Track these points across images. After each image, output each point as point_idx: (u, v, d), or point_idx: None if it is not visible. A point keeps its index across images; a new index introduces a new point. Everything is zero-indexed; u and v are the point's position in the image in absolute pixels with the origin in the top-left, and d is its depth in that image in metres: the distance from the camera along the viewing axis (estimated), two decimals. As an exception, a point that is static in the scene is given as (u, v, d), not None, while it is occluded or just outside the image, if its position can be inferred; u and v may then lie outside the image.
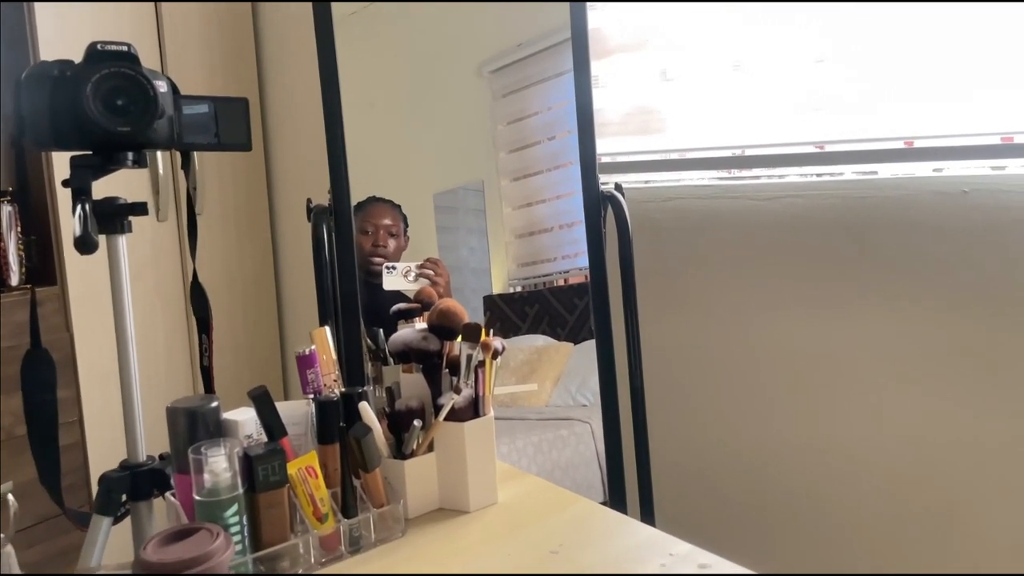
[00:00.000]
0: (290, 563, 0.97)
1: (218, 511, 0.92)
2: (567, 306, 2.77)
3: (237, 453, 0.95)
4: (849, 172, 1.79)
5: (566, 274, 2.84)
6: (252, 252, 2.67)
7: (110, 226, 1.16)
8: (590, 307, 2.68)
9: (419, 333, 1.18)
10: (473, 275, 2.87)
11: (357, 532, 1.03)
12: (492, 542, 1.03)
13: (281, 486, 0.98)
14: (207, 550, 0.84)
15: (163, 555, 0.83)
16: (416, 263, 2.21)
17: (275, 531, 0.97)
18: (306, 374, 1.10)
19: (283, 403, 1.05)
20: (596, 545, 1.00)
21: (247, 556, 0.94)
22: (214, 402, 1.01)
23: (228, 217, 2.59)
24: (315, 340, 1.13)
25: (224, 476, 0.93)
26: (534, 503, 1.14)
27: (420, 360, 1.17)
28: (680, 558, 0.95)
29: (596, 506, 1.12)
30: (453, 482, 1.12)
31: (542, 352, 2.73)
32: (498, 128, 2.13)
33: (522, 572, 0.94)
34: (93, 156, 1.11)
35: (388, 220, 2.29)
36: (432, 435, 1.13)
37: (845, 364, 1.81)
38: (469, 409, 1.14)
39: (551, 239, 2.87)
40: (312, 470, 1.00)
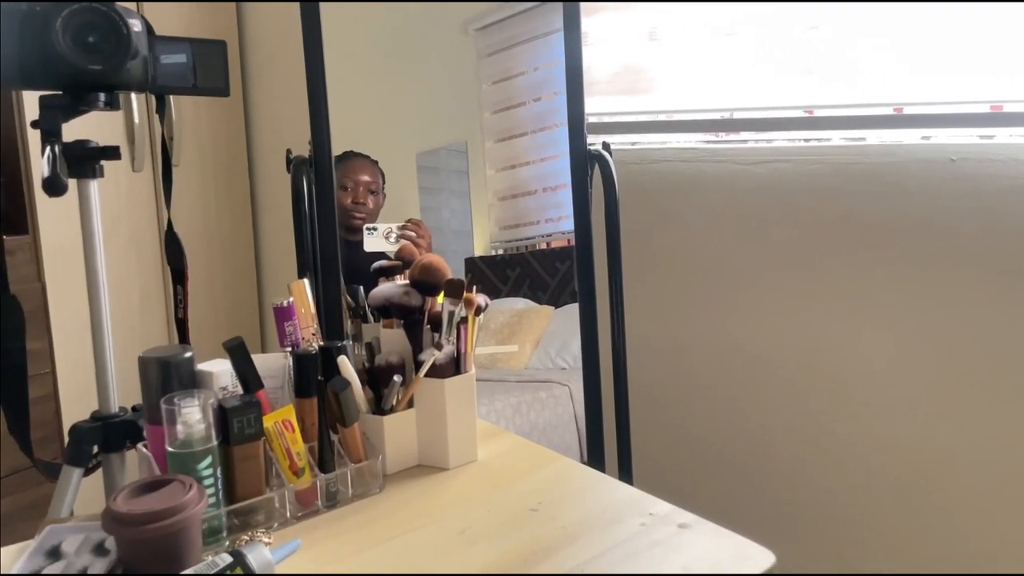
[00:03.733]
0: (265, 517, 0.96)
1: (191, 463, 0.90)
2: (549, 270, 2.75)
3: (211, 405, 0.93)
4: (837, 138, 1.78)
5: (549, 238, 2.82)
6: (230, 203, 2.62)
7: (81, 170, 1.12)
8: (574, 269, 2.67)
9: (401, 288, 1.15)
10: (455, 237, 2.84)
11: (334, 487, 1.01)
12: (471, 499, 1.02)
13: (257, 439, 0.96)
14: (179, 502, 0.82)
15: (133, 506, 0.81)
16: (397, 224, 2.18)
17: (250, 485, 0.96)
18: (284, 326, 1.08)
19: (260, 355, 1.03)
20: (576, 503, 0.99)
21: (221, 509, 0.92)
22: (188, 352, 0.98)
23: (206, 167, 2.54)
24: (293, 292, 1.11)
25: (198, 428, 0.90)
26: (514, 461, 1.13)
27: (401, 315, 1.15)
28: (660, 517, 0.94)
29: (576, 465, 1.11)
30: (433, 439, 1.11)
31: (523, 315, 2.72)
32: (483, 88, 2.09)
33: (502, 528, 0.93)
34: (63, 96, 1.07)
35: (367, 176, 2.25)
36: (412, 391, 1.11)
37: (827, 327, 1.81)
38: (450, 366, 1.12)
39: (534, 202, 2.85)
40: (289, 424, 0.98)
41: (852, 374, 1.79)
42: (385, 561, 0.88)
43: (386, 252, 1.93)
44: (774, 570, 0.83)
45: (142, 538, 0.80)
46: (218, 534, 0.92)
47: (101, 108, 1.11)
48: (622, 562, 0.85)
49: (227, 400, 0.95)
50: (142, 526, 0.79)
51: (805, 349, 1.85)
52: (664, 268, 2.02)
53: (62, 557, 0.83)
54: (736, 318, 1.93)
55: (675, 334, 2.03)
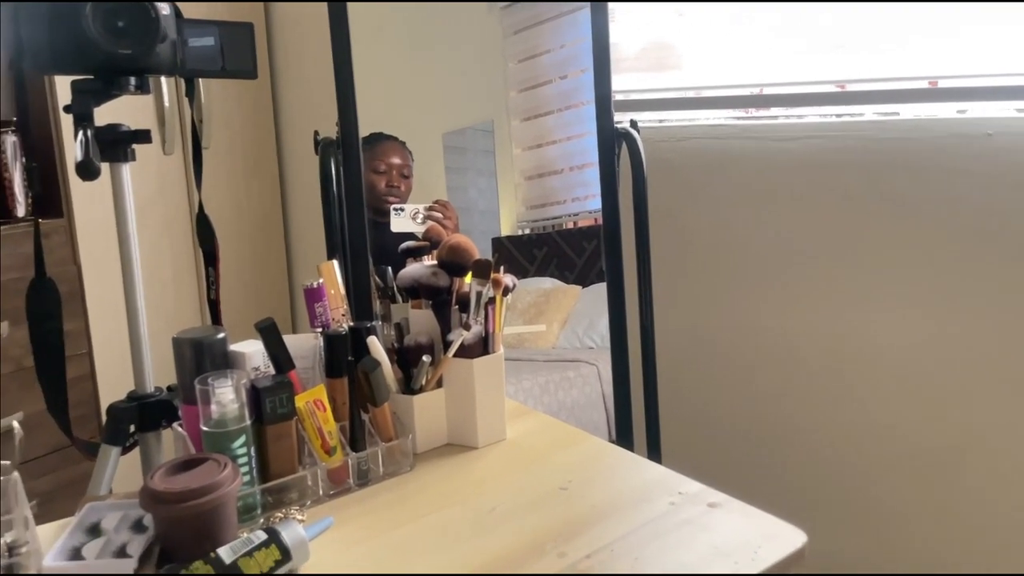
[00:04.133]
0: (298, 495, 0.97)
1: (225, 442, 0.91)
2: (576, 249, 2.74)
3: (244, 385, 0.94)
4: (870, 112, 1.75)
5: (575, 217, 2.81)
6: (259, 185, 2.64)
7: (113, 154, 1.14)
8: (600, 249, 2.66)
9: (429, 268, 1.16)
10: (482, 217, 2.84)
11: (365, 465, 1.03)
12: (501, 478, 1.02)
13: (289, 418, 0.97)
14: (214, 480, 0.83)
15: (170, 484, 0.83)
16: (424, 205, 2.18)
17: (283, 463, 0.97)
18: (314, 307, 1.09)
19: (291, 336, 1.04)
20: (605, 482, 1.00)
21: (255, 487, 0.94)
22: (221, 333, 0.99)
23: (235, 149, 2.56)
24: (323, 274, 1.12)
25: (231, 407, 0.92)
26: (543, 440, 1.13)
27: (429, 296, 1.15)
28: (689, 496, 0.94)
29: (605, 444, 1.11)
30: (462, 418, 1.12)
31: (550, 294, 2.72)
32: (509, 66, 2.07)
33: (532, 506, 0.94)
34: (94, 80, 1.08)
35: (399, 160, 2.25)
36: (441, 371, 1.12)
37: (859, 305, 1.79)
38: (479, 346, 1.12)
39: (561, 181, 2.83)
40: (320, 403, 1.00)
41: (884, 354, 1.77)
42: (417, 538, 0.89)
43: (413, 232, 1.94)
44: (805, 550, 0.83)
45: (179, 515, 0.81)
46: (253, 511, 0.93)
47: (132, 92, 1.13)
48: (651, 541, 0.85)
49: (259, 380, 0.97)
50: (179, 504, 0.81)
51: (836, 328, 1.82)
52: (693, 247, 2.00)
53: (102, 534, 0.85)
54: (766, 297, 1.91)
55: (704, 313, 2.02)
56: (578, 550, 0.84)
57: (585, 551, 0.84)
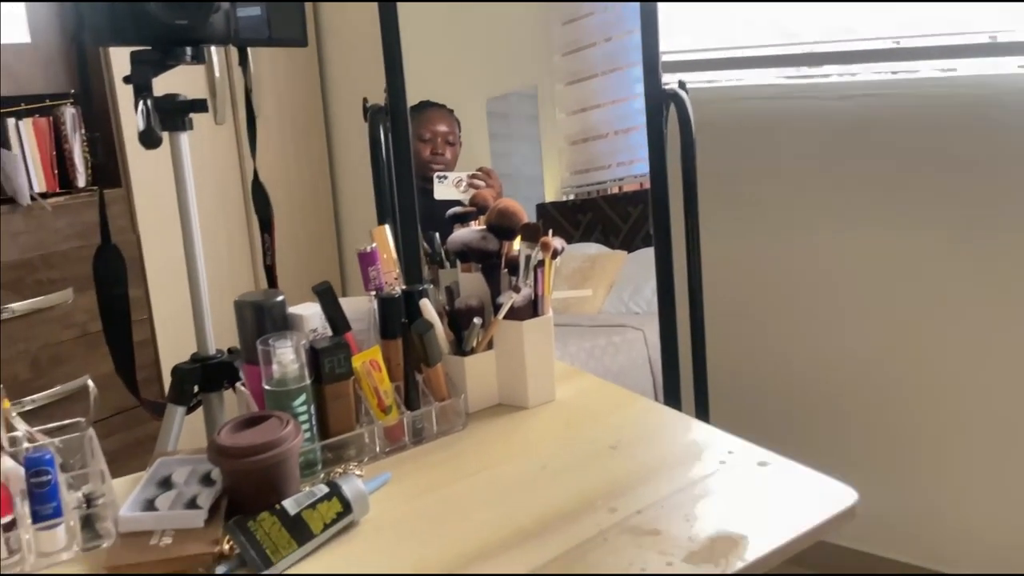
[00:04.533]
0: (356, 451, 1.01)
1: (287, 400, 0.95)
2: (621, 214, 2.73)
3: (303, 346, 0.97)
4: (927, 69, 1.70)
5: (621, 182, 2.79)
6: (308, 153, 2.67)
7: (172, 123, 1.17)
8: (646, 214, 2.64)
9: (478, 233, 1.17)
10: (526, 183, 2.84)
11: (420, 424, 1.06)
12: (551, 436, 1.04)
13: (346, 378, 1.00)
14: (278, 436, 0.87)
15: (236, 440, 0.87)
16: (467, 172, 2.19)
17: (341, 421, 1.01)
18: (368, 271, 1.11)
19: (346, 299, 1.07)
20: (655, 441, 1.01)
21: (315, 444, 0.97)
22: (279, 296, 1.03)
23: (284, 118, 2.59)
24: (376, 238, 1.14)
25: (291, 367, 0.95)
26: (592, 401, 1.15)
27: (479, 260, 1.17)
28: (739, 456, 0.95)
29: (655, 404, 1.12)
30: (512, 379, 1.14)
31: (595, 260, 2.72)
32: (553, 29, 2.06)
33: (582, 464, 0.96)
34: (152, 51, 1.11)
35: (445, 127, 2.26)
36: (491, 333, 1.14)
37: (914, 266, 1.76)
38: (528, 308, 1.14)
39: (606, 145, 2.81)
40: (376, 364, 1.02)
41: (941, 313, 1.74)
42: (471, 494, 0.91)
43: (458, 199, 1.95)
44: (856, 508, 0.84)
45: (245, 469, 0.85)
46: (314, 467, 0.97)
47: (187, 62, 1.15)
48: (702, 498, 0.87)
49: (318, 341, 1.00)
50: (245, 458, 0.85)
51: (890, 289, 1.80)
52: (742, 210, 1.98)
53: (173, 487, 0.90)
54: (817, 258, 1.89)
55: (752, 275, 2.00)
56: (628, 506, 0.86)
57: (635, 507, 0.86)
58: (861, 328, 1.86)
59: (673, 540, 0.79)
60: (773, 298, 1.98)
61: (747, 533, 0.80)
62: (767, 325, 2.01)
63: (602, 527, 0.82)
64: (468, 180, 2.13)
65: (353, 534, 0.85)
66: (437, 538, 0.83)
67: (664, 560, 0.76)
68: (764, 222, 1.96)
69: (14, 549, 0.80)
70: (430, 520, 0.87)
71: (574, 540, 0.80)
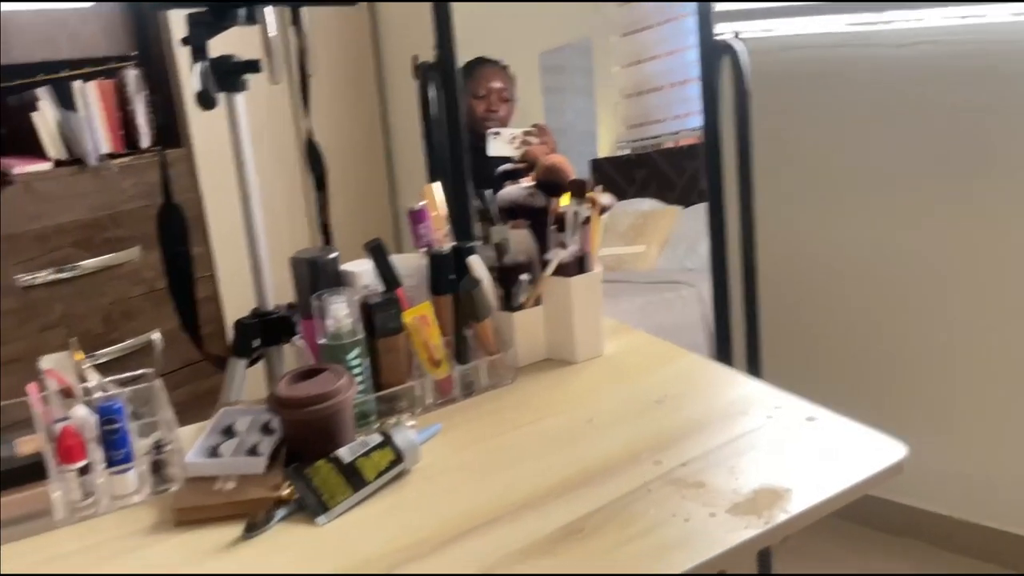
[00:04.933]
0: (408, 403, 1.04)
1: (341, 354, 0.98)
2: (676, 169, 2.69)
3: (356, 301, 1.00)
4: (996, 14, 1.62)
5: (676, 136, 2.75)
6: (360, 111, 2.70)
7: (228, 84, 1.19)
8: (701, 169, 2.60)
9: (526, 190, 1.18)
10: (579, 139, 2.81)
11: (470, 378, 1.08)
12: (598, 391, 1.06)
13: (398, 333, 1.03)
14: (333, 387, 0.90)
15: (294, 391, 0.90)
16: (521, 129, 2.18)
17: (394, 374, 1.04)
18: (418, 228, 1.13)
19: (396, 256, 1.09)
20: (702, 396, 1.02)
21: (369, 396, 1.01)
22: (333, 253, 1.05)
23: (337, 77, 2.61)
24: (426, 196, 1.16)
25: (345, 322, 0.98)
26: (640, 356, 1.16)
27: (527, 216, 1.18)
28: (787, 411, 0.95)
29: (702, 360, 1.12)
30: (560, 334, 1.15)
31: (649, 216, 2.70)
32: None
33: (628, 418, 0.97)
34: (208, 12, 1.14)
35: (499, 84, 2.25)
36: (540, 289, 1.15)
37: (974, 221, 1.70)
38: (575, 265, 1.15)
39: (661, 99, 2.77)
40: (426, 319, 1.05)
41: (996, 270, 1.69)
42: (519, 445, 0.94)
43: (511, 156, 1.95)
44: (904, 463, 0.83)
45: (303, 419, 0.89)
46: (367, 418, 1.00)
47: (242, 23, 1.18)
48: (747, 452, 0.87)
49: (370, 297, 1.03)
50: (302, 408, 0.88)
51: (947, 245, 1.75)
52: (797, 163, 1.94)
53: (235, 435, 0.94)
54: (873, 214, 1.85)
55: (807, 231, 1.96)
56: (673, 459, 0.87)
57: (680, 460, 0.87)
58: (917, 285, 1.81)
59: (717, 492, 0.80)
60: (829, 253, 1.94)
61: (792, 486, 0.80)
62: (822, 280, 1.97)
63: (646, 479, 0.84)
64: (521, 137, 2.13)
65: (405, 482, 0.88)
66: (485, 487, 0.85)
67: (707, 511, 0.77)
68: (820, 175, 1.91)
69: (89, 492, 0.86)
70: (479, 470, 0.89)
71: (618, 491, 0.82)
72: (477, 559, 0.73)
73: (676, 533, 0.75)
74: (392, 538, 0.78)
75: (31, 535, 0.82)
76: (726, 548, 0.72)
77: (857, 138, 1.83)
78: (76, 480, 0.85)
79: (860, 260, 1.90)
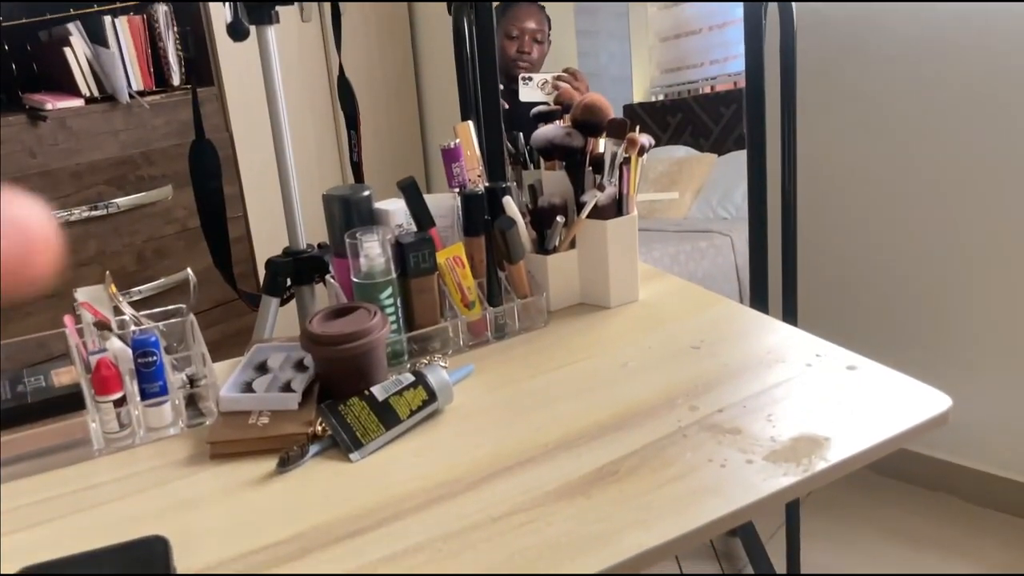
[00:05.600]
0: (441, 344, 1.03)
1: (374, 293, 0.97)
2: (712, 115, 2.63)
3: (389, 240, 0.99)
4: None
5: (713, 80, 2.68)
6: (392, 49, 2.66)
7: (259, 16, 1.17)
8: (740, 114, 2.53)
9: (563, 129, 1.15)
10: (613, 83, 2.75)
11: (502, 320, 1.07)
12: (633, 336, 1.04)
13: (431, 273, 1.02)
14: (366, 326, 0.89)
15: (327, 328, 0.90)
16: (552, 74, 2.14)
17: (426, 315, 1.03)
18: (451, 168, 1.11)
19: (429, 196, 1.07)
20: (739, 342, 1.00)
21: (402, 335, 1.00)
22: (366, 191, 1.04)
23: (368, 14, 2.57)
24: (459, 134, 1.13)
25: (378, 261, 0.97)
26: (675, 302, 1.14)
27: (563, 157, 1.15)
28: (827, 359, 0.93)
29: (740, 306, 1.10)
30: (595, 278, 1.13)
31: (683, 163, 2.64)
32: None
33: (663, 363, 0.96)
34: (238, -58, 1.11)
35: (533, 24, 2.19)
36: (575, 232, 1.13)
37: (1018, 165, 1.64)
38: (612, 207, 1.12)
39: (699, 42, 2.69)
40: (459, 260, 1.03)
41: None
42: (552, 387, 0.93)
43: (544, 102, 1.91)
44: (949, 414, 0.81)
45: (336, 356, 0.88)
46: (400, 357, 1.00)
47: (273, -46, 1.14)
48: (785, 399, 0.85)
49: (403, 236, 1.01)
50: (336, 346, 0.88)
51: (993, 192, 1.69)
52: (840, 107, 1.87)
53: (268, 372, 0.94)
54: (918, 159, 1.79)
55: (850, 176, 1.91)
56: (709, 404, 0.86)
57: (717, 406, 0.85)
58: (962, 236, 1.76)
59: (754, 439, 0.79)
60: (872, 200, 1.89)
61: (831, 435, 0.78)
62: (860, 231, 1.92)
63: (682, 424, 0.83)
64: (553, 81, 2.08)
65: (438, 421, 0.88)
66: (518, 428, 0.85)
67: (744, 458, 0.76)
68: (864, 119, 1.85)
69: (124, 423, 0.87)
70: (511, 410, 0.89)
71: (653, 435, 0.81)
72: (510, 498, 0.73)
73: (712, 478, 0.74)
74: (425, 475, 0.77)
75: (70, 464, 0.84)
76: (763, 495, 0.71)
77: (904, 80, 1.76)
78: (112, 411, 0.86)
79: (902, 208, 1.85)
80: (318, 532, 0.71)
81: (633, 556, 0.64)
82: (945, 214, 1.78)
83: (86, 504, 0.77)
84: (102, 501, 0.77)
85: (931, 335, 1.87)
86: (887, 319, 1.93)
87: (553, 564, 0.64)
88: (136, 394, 0.88)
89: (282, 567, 0.66)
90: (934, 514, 1.87)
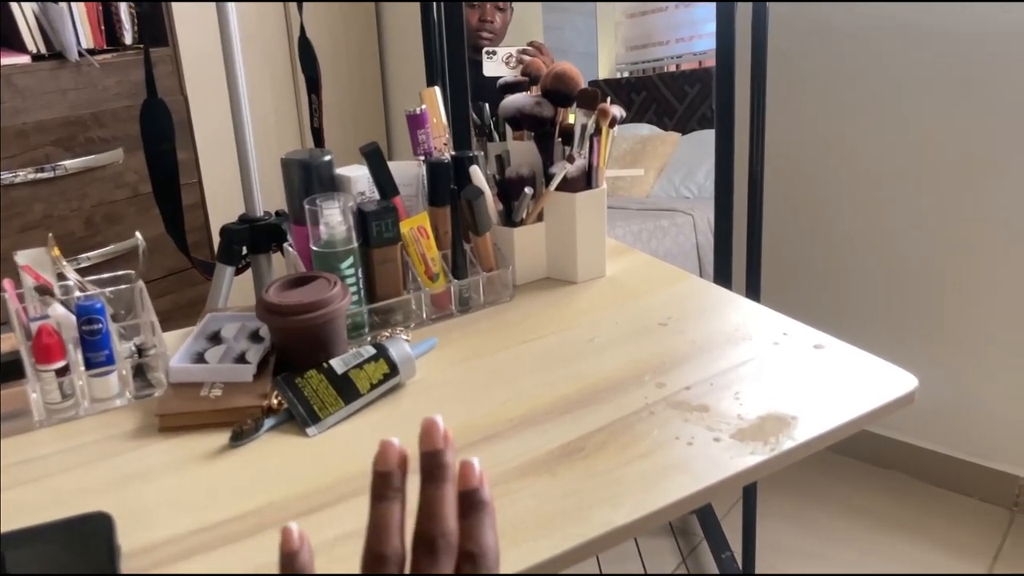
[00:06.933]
0: (403, 317, 1.00)
1: (334, 262, 0.94)
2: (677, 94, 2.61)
3: (351, 208, 0.95)
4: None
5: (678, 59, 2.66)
6: (355, 13, 2.58)
7: (217, -30, 1.11)
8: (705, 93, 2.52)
9: (533, 98, 1.12)
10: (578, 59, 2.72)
11: (467, 293, 1.04)
12: (600, 311, 1.02)
13: (394, 243, 0.98)
14: (325, 296, 0.86)
15: (284, 297, 0.86)
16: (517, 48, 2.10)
17: (389, 286, 1.00)
18: (417, 134, 1.07)
19: (394, 163, 1.04)
20: (706, 319, 0.98)
21: (363, 307, 0.97)
22: (327, 156, 1.00)
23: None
24: (425, 100, 1.10)
25: (339, 229, 0.94)
26: (642, 278, 1.12)
27: (532, 127, 1.12)
28: (794, 338, 0.92)
29: (707, 283, 1.09)
30: (562, 252, 1.11)
31: (647, 141, 2.63)
32: None
33: (630, 338, 0.94)
34: None
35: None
36: (542, 204, 1.10)
37: (986, 159, 1.66)
38: (581, 180, 1.10)
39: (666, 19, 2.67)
40: (423, 230, 1.00)
41: (1005, 199, 1.65)
42: (517, 361, 0.91)
43: (507, 77, 1.88)
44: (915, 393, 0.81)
45: (294, 327, 0.85)
46: (360, 329, 0.97)
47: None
48: (752, 378, 0.85)
49: (365, 204, 0.98)
50: (293, 316, 0.84)
51: (960, 176, 1.71)
52: (806, 86, 1.87)
53: (222, 342, 0.90)
54: (885, 138, 1.80)
55: (816, 155, 1.91)
56: (677, 382, 0.84)
57: (684, 383, 0.84)
58: (930, 218, 1.78)
59: (721, 416, 0.78)
60: (838, 177, 1.90)
61: (799, 414, 0.78)
62: (825, 211, 1.93)
63: (649, 401, 0.81)
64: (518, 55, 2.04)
65: (399, 395, 0.85)
66: (482, 403, 0.82)
67: (712, 435, 0.75)
68: (832, 97, 1.85)
69: (68, 394, 0.82)
70: (476, 385, 0.86)
71: (620, 412, 0.79)
72: (473, 475, 0.70)
73: (679, 456, 0.72)
74: (385, 451, 0.75)
75: (9, 435, 0.79)
76: (730, 473, 0.70)
77: (875, 59, 1.76)
78: (54, 381, 0.81)
79: (869, 189, 1.86)
80: (273, 508, 0.68)
81: (602, 534, 0.63)
82: (913, 195, 1.79)
83: (25, 477, 0.73)
84: (44, 475, 0.73)
85: (896, 317, 1.89)
86: (850, 301, 1.95)
87: (518, 540, 0.62)
88: (80, 363, 0.83)
89: (235, 544, 0.64)
90: (887, 493, 1.91)
